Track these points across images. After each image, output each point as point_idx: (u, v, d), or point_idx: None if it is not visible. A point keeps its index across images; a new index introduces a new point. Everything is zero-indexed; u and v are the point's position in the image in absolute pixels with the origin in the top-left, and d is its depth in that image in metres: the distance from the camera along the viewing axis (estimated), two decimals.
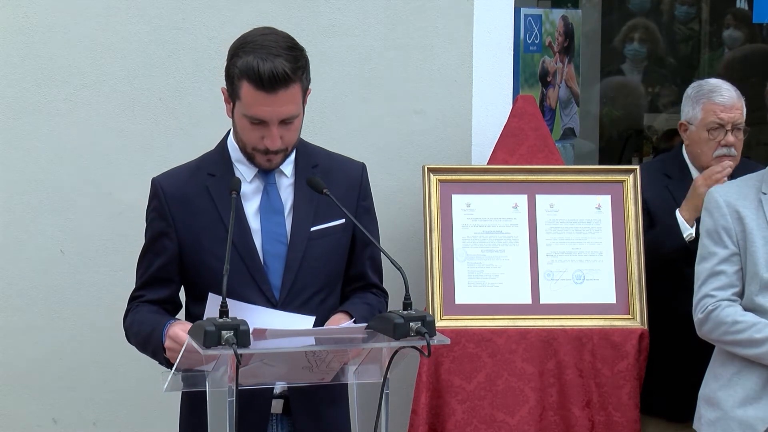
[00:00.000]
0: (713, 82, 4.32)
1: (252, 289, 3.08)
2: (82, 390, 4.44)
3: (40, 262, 4.41)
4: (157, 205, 3.15)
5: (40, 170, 4.40)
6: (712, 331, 3.71)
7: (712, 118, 4.23)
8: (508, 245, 4.23)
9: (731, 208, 3.71)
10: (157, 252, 3.16)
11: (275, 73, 2.96)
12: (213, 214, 3.11)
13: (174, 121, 4.39)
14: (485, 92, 4.49)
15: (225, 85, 3.09)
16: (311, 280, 3.13)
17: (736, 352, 3.68)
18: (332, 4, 4.42)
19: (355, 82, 4.44)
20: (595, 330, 4.14)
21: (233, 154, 3.15)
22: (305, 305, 3.11)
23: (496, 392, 4.10)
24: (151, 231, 3.18)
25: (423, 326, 2.73)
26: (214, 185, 3.12)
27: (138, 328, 3.13)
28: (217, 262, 3.03)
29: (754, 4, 5.47)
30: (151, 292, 3.18)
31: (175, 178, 3.18)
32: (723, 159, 4.21)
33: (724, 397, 3.70)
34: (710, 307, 3.69)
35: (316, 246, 3.13)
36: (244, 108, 3.03)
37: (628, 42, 6.90)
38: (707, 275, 3.72)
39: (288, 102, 3.01)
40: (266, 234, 3.11)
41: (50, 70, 4.37)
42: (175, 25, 4.38)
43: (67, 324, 4.44)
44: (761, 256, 3.65)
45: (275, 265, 3.11)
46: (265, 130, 3.03)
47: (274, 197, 3.14)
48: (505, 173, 4.29)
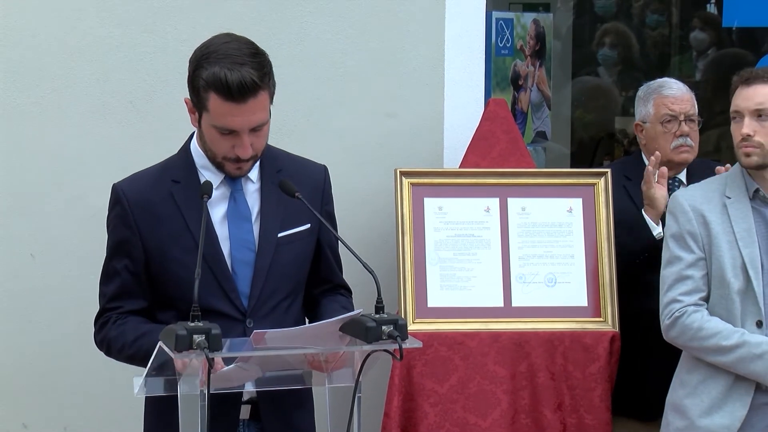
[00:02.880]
0: (660, 80, 4.43)
1: (219, 298, 3.05)
2: (53, 395, 4.42)
3: (10, 267, 4.39)
4: (120, 212, 3.08)
5: (10, 174, 4.38)
6: (678, 336, 3.72)
7: (663, 111, 4.31)
8: (480, 248, 4.24)
9: (696, 212, 3.72)
10: (123, 259, 3.09)
11: (244, 83, 2.92)
12: (179, 222, 3.06)
13: (145, 124, 4.38)
14: (457, 95, 4.49)
15: (188, 95, 3.04)
16: (279, 287, 3.11)
17: (703, 358, 3.70)
18: (303, 7, 4.42)
19: (326, 86, 4.44)
20: (566, 333, 4.15)
21: (197, 159, 3.10)
22: (273, 312, 3.09)
23: (469, 395, 4.11)
24: (114, 238, 3.10)
25: (395, 330, 2.73)
26: (179, 192, 3.07)
27: (132, 338, 3.03)
28: (183, 271, 3.00)
29: (723, 8, 5.51)
30: (128, 302, 3.10)
31: (138, 183, 3.11)
32: (681, 149, 4.28)
33: (690, 405, 3.71)
34: (677, 313, 3.70)
35: (283, 252, 3.11)
36: (213, 119, 2.98)
37: (600, 46, 6.94)
38: (673, 280, 3.73)
39: (257, 110, 2.97)
40: (234, 241, 3.08)
41: (19, 74, 4.35)
42: (145, 28, 4.36)
43: (37, 328, 4.41)
44: (727, 260, 3.67)
45: (244, 273, 3.08)
46: (235, 140, 2.99)
47: (242, 203, 3.10)
48: (477, 176, 4.30)
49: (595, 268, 4.23)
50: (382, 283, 2.81)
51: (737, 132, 3.67)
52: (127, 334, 3.07)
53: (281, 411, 3.11)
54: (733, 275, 3.65)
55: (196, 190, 3.04)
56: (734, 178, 3.75)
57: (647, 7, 7.26)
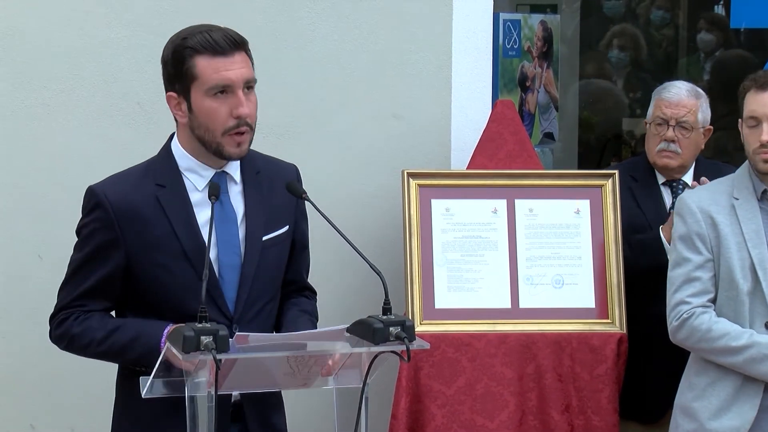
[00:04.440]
0: (670, 82, 4.42)
1: (207, 305, 2.93)
2: (60, 395, 4.42)
3: (18, 268, 4.39)
4: (101, 215, 3.01)
5: (17, 175, 4.38)
6: (687, 338, 3.71)
7: (657, 113, 4.32)
8: (488, 250, 4.24)
9: (705, 213, 3.71)
10: (101, 264, 3.02)
11: (228, 35, 2.99)
12: (165, 227, 3.00)
13: (152, 125, 4.38)
14: (464, 97, 4.49)
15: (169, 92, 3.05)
16: (264, 290, 3.08)
17: (712, 360, 3.69)
18: (311, 9, 4.42)
19: (333, 88, 4.44)
20: (574, 334, 4.15)
21: (181, 161, 3.06)
22: (258, 316, 3.06)
23: (476, 397, 4.11)
24: (94, 242, 3.03)
25: (402, 331, 2.73)
26: (164, 196, 3.02)
27: (103, 335, 3.01)
28: (168, 277, 2.98)
29: (731, 9, 5.50)
30: (93, 302, 3.05)
31: (120, 187, 3.04)
32: (663, 153, 4.26)
33: (700, 408, 3.70)
34: (685, 314, 3.69)
35: (267, 255, 3.08)
36: (206, 81, 2.96)
37: (611, 48, 6.94)
38: (682, 281, 3.72)
39: (246, 65, 2.99)
40: (222, 245, 3.03)
41: (27, 75, 4.36)
42: (152, 30, 4.36)
43: (44, 329, 4.39)
44: (736, 261, 3.66)
45: (230, 277, 3.03)
46: (232, 99, 2.96)
47: (228, 206, 3.06)
48: (485, 178, 4.30)
49: (602, 269, 4.23)
50: (389, 285, 2.81)
51: (754, 138, 3.64)
52: (94, 330, 3.02)
53: (262, 412, 3.10)
54: (742, 276, 3.65)
55: (181, 194, 3.02)
56: (741, 180, 3.74)
57: (652, 4, 7.26)
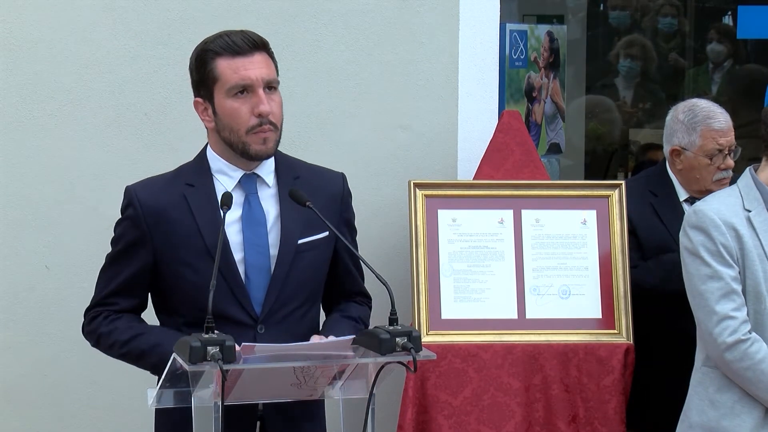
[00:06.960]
0: (705, 107, 4.29)
1: (231, 304, 3.04)
2: (67, 406, 4.42)
3: (25, 278, 4.40)
4: (131, 214, 3.09)
5: (25, 186, 4.39)
6: (735, 361, 3.55)
7: (712, 145, 4.22)
8: (494, 260, 4.24)
9: (729, 226, 3.58)
10: (130, 260, 3.10)
11: (248, 36, 3.07)
12: (191, 225, 3.05)
13: (160, 136, 4.39)
14: (471, 108, 4.49)
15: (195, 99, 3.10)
16: (295, 294, 3.10)
17: (748, 389, 3.57)
18: (318, 19, 4.43)
19: (340, 98, 4.45)
20: (580, 345, 4.14)
21: (213, 164, 3.11)
22: (286, 319, 3.08)
23: (483, 407, 4.10)
24: (125, 239, 3.11)
25: (409, 341, 2.73)
26: (192, 195, 3.07)
27: (126, 338, 3.06)
28: (194, 275, 3.01)
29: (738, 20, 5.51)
30: (124, 300, 3.11)
31: (151, 187, 3.13)
32: (723, 182, 4.21)
33: (732, 426, 3.57)
34: (742, 336, 3.54)
35: (302, 259, 3.10)
36: (227, 82, 3.02)
37: (621, 58, 6.94)
38: (720, 296, 3.57)
39: (267, 65, 3.05)
40: (249, 246, 3.06)
41: (35, 86, 4.37)
42: (160, 41, 4.38)
43: (52, 340, 4.42)
44: (761, 274, 3.58)
45: (258, 279, 3.07)
46: (253, 99, 3.02)
47: (256, 207, 3.09)
48: (491, 188, 4.29)
49: (609, 279, 4.22)
50: (395, 295, 2.81)
51: None
52: (119, 332, 3.08)
53: (289, 423, 3.09)
54: (767, 289, 3.58)
55: (209, 194, 3.06)
56: (748, 191, 3.68)
57: (658, 14, 7.26)
